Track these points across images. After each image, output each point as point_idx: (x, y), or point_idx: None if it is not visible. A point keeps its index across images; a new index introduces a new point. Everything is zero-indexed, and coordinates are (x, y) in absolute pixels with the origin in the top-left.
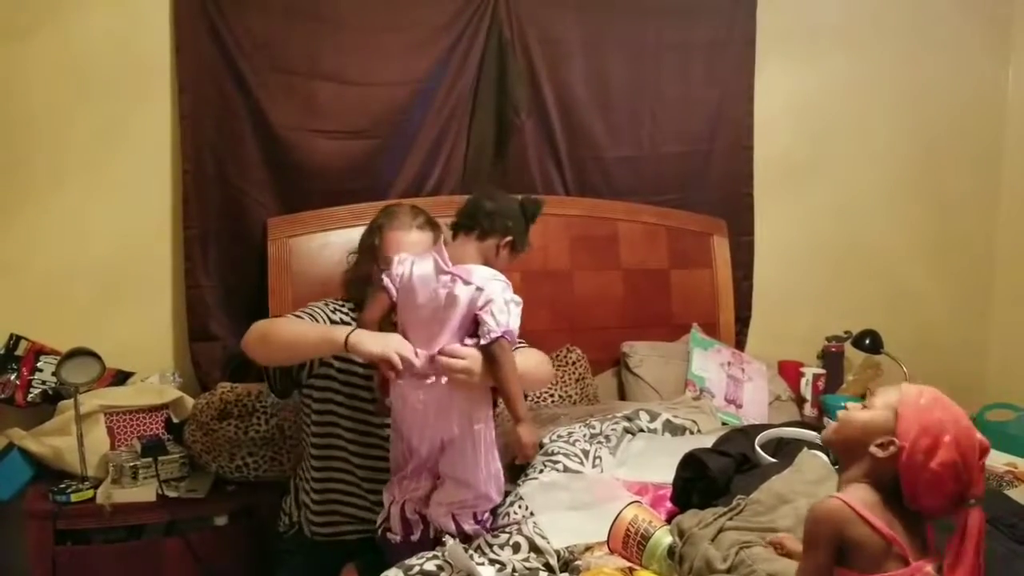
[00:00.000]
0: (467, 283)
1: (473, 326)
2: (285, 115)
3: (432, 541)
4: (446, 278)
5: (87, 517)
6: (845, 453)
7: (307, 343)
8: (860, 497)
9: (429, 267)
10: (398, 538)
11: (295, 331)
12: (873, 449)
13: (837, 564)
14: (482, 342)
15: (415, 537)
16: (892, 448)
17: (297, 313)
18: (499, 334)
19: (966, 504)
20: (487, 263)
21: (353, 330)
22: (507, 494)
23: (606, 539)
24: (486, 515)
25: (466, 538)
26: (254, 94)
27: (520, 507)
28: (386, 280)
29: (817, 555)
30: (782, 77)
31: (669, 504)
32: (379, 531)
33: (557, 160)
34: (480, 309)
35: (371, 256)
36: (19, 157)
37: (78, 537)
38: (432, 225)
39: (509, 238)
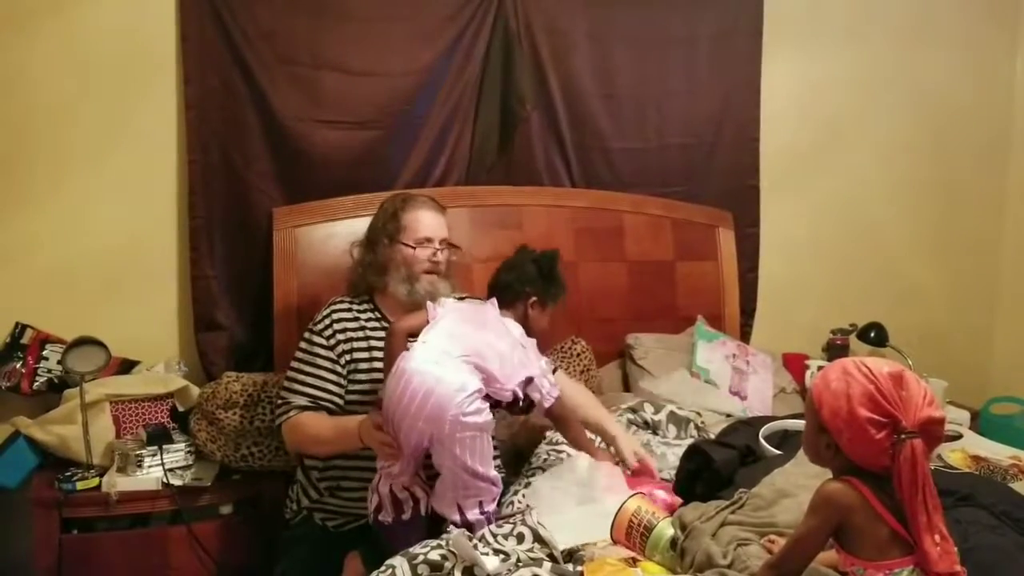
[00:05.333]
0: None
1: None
2: (290, 105)
3: (425, 519)
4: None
5: (93, 505)
6: (821, 463)
7: (344, 444)
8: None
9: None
10: (390, 519)
11: (328, 438)
12: (824, 453)
13: (844, 550)
14: (546, 406)
15: (406, 516)
16: (831, 445)
17: (306, 390)
18: (555, 397)
19: (900, 441)
20: (526, 328)
21: (362, 424)
22: (509, 484)
23: (609, 531)
24: (490, 506)
25: (469, 527)
26: (259, 84)
27: (524, 496)
28: (431, 306)
29: (812, 522)
30: (789, 69)
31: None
32: (371, 516)
33: (563, 151)
34: (532, 379)
35: (392, 241)
36: (25, 147)
37: (84, 525)
38: (441, 206)
39: (533, 299)
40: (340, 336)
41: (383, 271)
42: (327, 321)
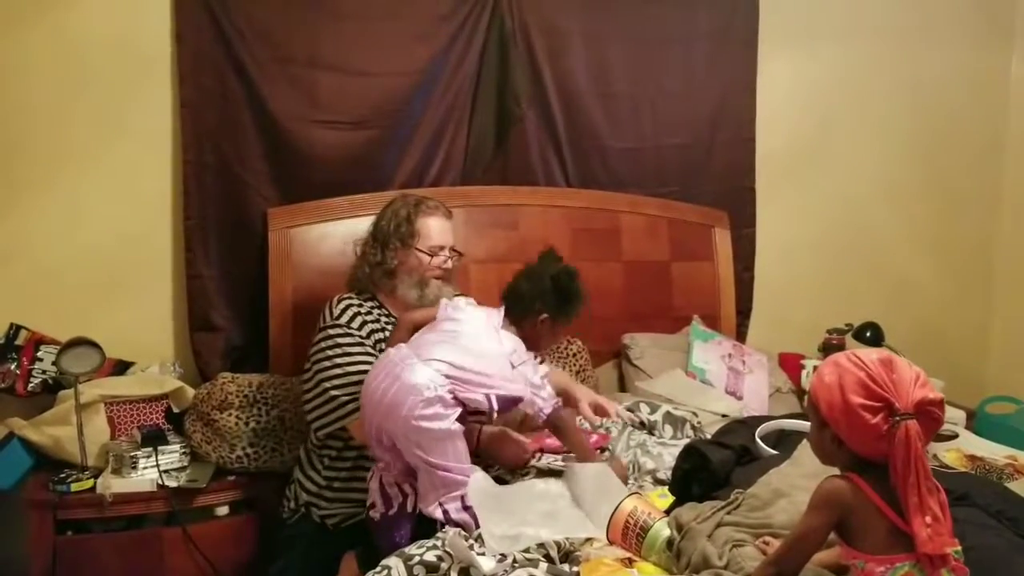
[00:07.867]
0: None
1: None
2: (285, 105)
3: (411, 515)
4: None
5: (87, 507)
6: (830, 462)
7: None
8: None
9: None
10: (377, 515)
11: None
12: (829, 449)
13: (845, 543)
14: (539, 422)
15: (393, 511)
16: (835, 439)
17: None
18: (551, 409)
19: (895, 423)
20: (527, 341)
21: None
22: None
23: (605, 532)
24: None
25: (459, 526)
26: (254, 84)
27: None
28: (443, 303)
29: (812, 519)
30: (784, 69)
31: None
32: (367, 512)
33: (558, 151)
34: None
35: (404, 245)
36: (19, 146)
37: (78, 527)
38: (449, 212)
39: (544, 316)
40: (367, 328)
41: (392, 273)
42: (350, 312)
